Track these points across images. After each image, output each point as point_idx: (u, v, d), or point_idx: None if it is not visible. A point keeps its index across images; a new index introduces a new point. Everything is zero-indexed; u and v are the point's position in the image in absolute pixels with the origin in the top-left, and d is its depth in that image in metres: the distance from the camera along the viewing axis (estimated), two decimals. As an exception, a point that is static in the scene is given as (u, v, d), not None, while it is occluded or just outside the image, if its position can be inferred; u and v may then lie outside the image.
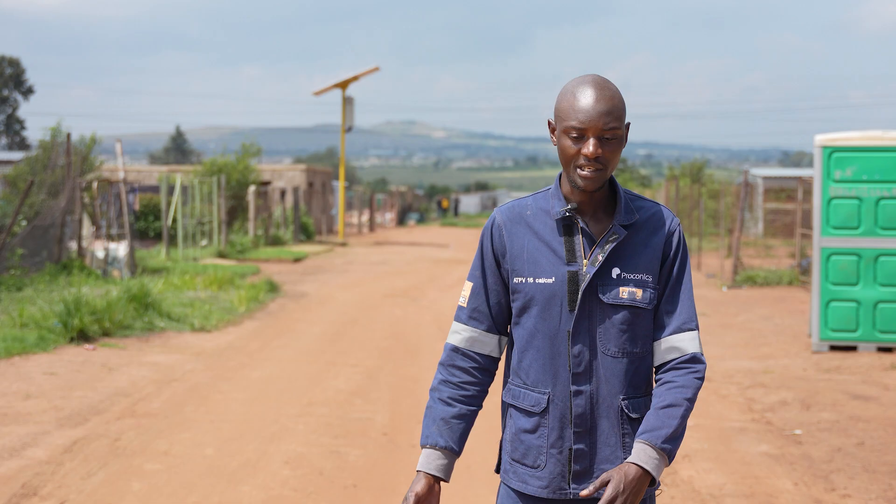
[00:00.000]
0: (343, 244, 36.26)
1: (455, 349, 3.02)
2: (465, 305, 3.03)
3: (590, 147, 2.80)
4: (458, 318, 3.04)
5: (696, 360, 2.90)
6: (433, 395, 3.02)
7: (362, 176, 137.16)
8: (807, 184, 20.39)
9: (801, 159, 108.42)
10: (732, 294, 18.31)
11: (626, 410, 2.88)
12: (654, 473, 2.77)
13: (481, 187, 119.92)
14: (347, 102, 39.74)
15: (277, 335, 13.36)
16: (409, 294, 18.84)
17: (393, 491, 6.49)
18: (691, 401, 2.85)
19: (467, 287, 3.04)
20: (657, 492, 3.01)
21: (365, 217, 55.10)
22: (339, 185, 40.32)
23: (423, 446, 2.98)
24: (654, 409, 2.83)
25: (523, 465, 2.95)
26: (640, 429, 2.82)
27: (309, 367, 10.97)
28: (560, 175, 2.96)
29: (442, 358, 3.04)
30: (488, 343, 3.01)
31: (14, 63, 75.25)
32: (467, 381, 3.00)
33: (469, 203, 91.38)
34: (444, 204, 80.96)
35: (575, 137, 2.83)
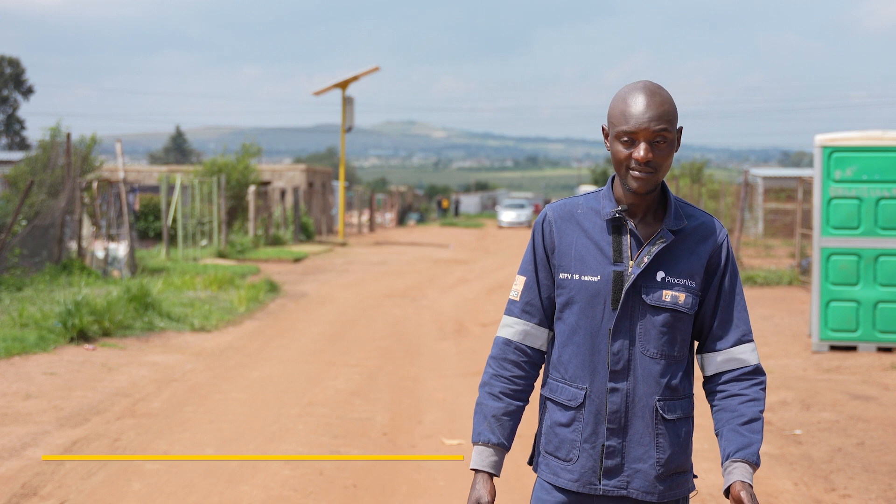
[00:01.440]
0: (343, 244, 36.25)
1: (508, 342, 3.05)
2: (517, 299, 3.06)
3: (640, 151, 2.88)
4: (509, 313, 3.07)
5: (759, 371, 3.02)
6: (483, 390, 3.05)
7: (362, 176, 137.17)
8: (807, 184, 20.40)
9: (801, 159, 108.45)
10: (732, 294, 18.31)
11: (661, 411, 2.96)
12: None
13: (481, 187, 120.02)
14: (347, 102, 39.72)
15: (277, 335, 13.37)
16: (409, 294, 18.84)
17: (393, 491, 6.50)
18: (763, 412, 2.98)
19: (519, 281, 3.07)
20: (692, 494, 3.17)
21: (365, 217, 55.06)
22: (339, 185, 40.30)
23: (475, 443, 3.02)
24: (737, 426, 2.95)
25: (556, 457, 3.00)
26: (732, 447, 2.94)
27: (309, 367, 10.97)
28: (613, 178, 3.03)
29: (493, 352, 3.07)
30: (539, 337, 3.05)
31: (14, 63, 75.26)
32: (518, 375, 3.04)
33: (469, 203, 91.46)
34: (444, 204, 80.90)
35: (626, 142, 2.90)
